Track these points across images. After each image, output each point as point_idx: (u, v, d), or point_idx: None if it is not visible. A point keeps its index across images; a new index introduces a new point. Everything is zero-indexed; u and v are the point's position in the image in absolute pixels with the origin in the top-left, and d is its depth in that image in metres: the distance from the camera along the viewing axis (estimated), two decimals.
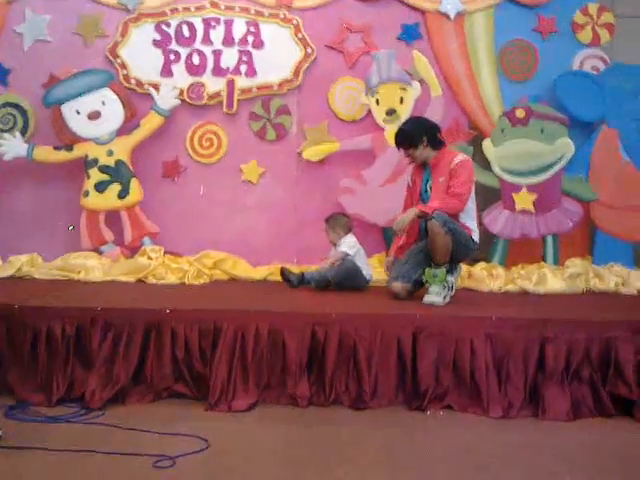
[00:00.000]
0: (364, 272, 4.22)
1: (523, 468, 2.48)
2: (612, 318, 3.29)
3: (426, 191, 3.98)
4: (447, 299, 3.67)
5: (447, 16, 5.04)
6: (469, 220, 3.87)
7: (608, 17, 5.04)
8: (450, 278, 3.70)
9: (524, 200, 4.74)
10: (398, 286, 3.81)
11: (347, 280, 4.13)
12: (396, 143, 4.08)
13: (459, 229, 3.72)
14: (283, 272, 4.31)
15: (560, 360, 3.06)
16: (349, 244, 4.27)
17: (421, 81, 4.87)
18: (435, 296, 3.63)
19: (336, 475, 2.37)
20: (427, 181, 3.99)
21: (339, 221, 4.37)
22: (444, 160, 3.92)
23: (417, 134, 3.95)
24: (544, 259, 4.74)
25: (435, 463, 2.50)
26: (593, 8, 5.03)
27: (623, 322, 3.18)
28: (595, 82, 4.87)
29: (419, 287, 3.85)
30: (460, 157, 3.91)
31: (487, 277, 4.44)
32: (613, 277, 4.45)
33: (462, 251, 3.79)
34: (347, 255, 4.22)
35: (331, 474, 2.38)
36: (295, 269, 4.45)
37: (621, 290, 4.39)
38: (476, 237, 3.90)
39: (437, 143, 3.98)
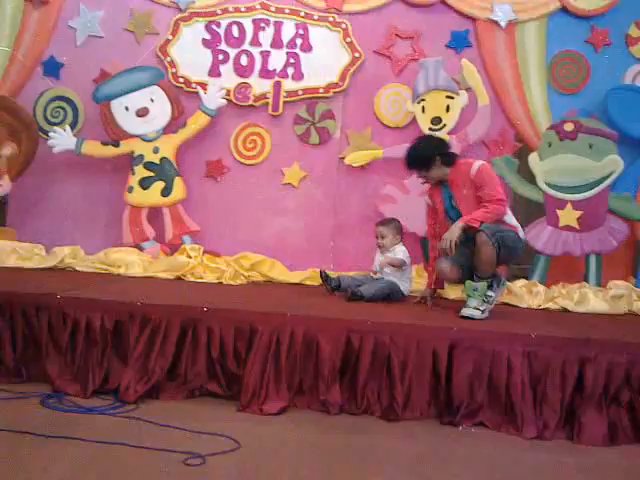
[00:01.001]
0: (402, 287, 4.13)
1: None
2: None
3: (452, 208, 3.88)
4: (485, 314, 3.60)
5: (498, 24, 4.99)
6: (510, 218, 3.80)
7: None
8: (491, 293, 3.62)
9: (569, 217, 4.65)
10: (447, 267, 3.73)
11: (383, 299, 4.02)
12: (408, 167, 3.98)
13: (506, 233, 3.63)
14: (322, 275, 4.25)
15: (599, 382, 2.98)
16: (405, 253, 4.17)
17: (468, 90, 4.82)
18: (473, 310, 3.57)
19: None
20: (450, 198, 3.89)
21: (397, 226, 4.24)
22: (461, 172, 3.81)
23: (428, 155, 3.86)
24: (586, 279, 4.64)
25: None
26: None
27: None
28: None
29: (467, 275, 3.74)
30: (477, 164, 3.79)
31: (527, 294, 4.36)
32: None
33: (512, 253, 3.69)
34: (404, 263, 4.12)
35: None
36: (333, 274, 4.41)
37: None
38: (522, 234, 3.80)
39: (450, 158, 3.90)
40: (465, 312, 3.56)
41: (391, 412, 3.03)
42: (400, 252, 4.16)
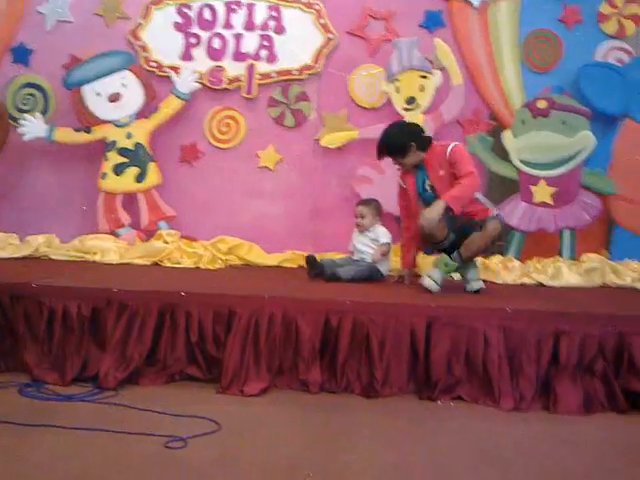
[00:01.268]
0: (382, 269, 4.14)
1: (533, 459, 2.47)
2: (627, 313, 3.26)
3: (425, 190, 3.90)
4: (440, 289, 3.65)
5: (471, 4, 4.99)
6: (482, 198, 3.87)
7: (634, 8, 4.94)
8: (455, 275, 3.65)
9: (542, 193, 4.70)
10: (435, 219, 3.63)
11: (363, 280, 4.02)
12: (383, 154, 3.96)
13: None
14: (310, 260, 4.14)
15: (573, 353, 3.03)
16: (386, 233, 4.18)
17: (442, 69, 4.83)
18: (434, 283, 3.62)
19: (344, 460, 2.37)
20: (424, 181, 3.90)
21: (377, 206, 4.24)
22: (436, 154, 3.83)
23: (405, 142, 3.86)
24: (560, 253, 4.70)
25: (443, 453, 2.50)
26: None
27: (638, 317, 3.15)
28: (619, 74, 4.80)
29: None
30: (451, 145, 3.81)
31: (502, 270, 4.41)
32: (630, 272, 4.41)
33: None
34: (390, 246, 4.15)
35: (339, 459, 2.38)
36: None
37: (637, 286, 4.34)
38: (495, 211, 3.84)
39: (425, 143, 3.91)
40: (426, 282, 3.63)
41: (371, 389, 3.06)
42: (382, 234, 4.17)
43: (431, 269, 3.74)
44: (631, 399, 3.01)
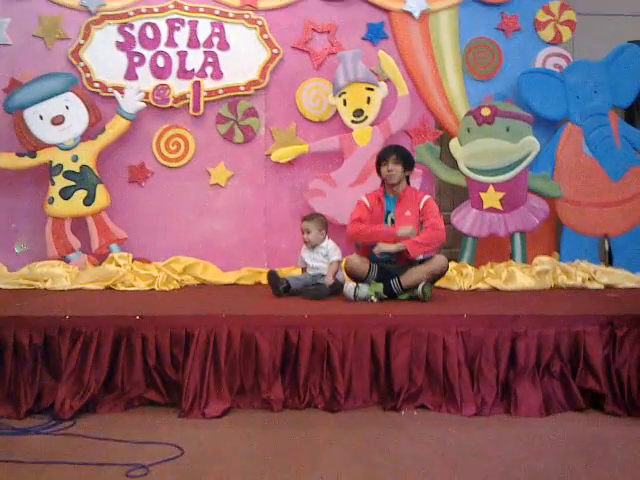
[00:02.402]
0: (340, 278, 4.13)
1: (496, 462, 2.50)
2: (580, 312, 3.34)
3: (386, 221, 4.00)
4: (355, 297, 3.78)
5: (412, 15, 5.07)
6: None
7: (569, 15, 5.12)
8: (374, 300, 3.76)
9: (491, 199, 4.79)
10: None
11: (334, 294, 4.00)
12: (390, 153, 4.04)
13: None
14: (272, 276, 4.08)
15: (531, 355, 3.09)
16: (336, 249, 4.16)
17: (387, 81, 4.89)
18: (352, 292, 3.77)
19: (312, 478, 2.36)
20: (389, 212, 4.01)
21: (322, 221, 4.23)
22: (411, 196, 4.03)
23: (412, 162, 4.11)
24: (512, 257, 4.79)
25: (409, 462, 2.51)
26: (555, 6, 5.12)
27: (590, 316, 3.22)
28: (558, 79, 4.95)
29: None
30: (426, 197, 4.03)
31: (457, 276, 4.47)
32: (580, 273, 4.52)
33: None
34: (339, 263, 4.13)
35: (306, 477, 2.36)
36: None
37: (588, 285, 4.46)
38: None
39: (409, 180, 4.13)
40: (357, 292, 3.79)
41: (334, 403, 3.06)
42: (332, 250, 4.15)
43: (363, 284, 3.83)
44: (588, 397, 3.08)
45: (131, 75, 4.99)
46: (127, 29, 5.01)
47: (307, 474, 2.39)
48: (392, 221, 3.99)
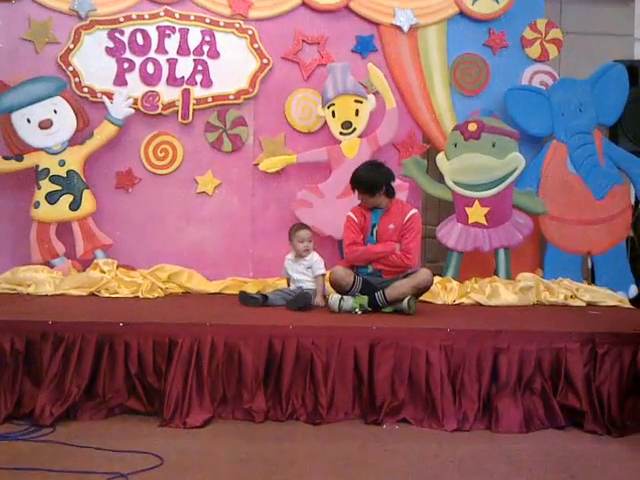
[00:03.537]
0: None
1: (477, 479, 2.51)
2: (561, 329, 3.37)
3: (371, 234, 4.02)
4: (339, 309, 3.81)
5: (401, 29, 5.11)
6: None
7: (556, 33, 5.18)
8: (358, 312, 3.77)
9: (476, 213, 4.82)
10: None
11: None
12: (354, 186, 4.06)
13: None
14: (243, 296, 4.08)
15: (513, 371, 3.11)
16: (320, 262, 4.12)
17: (376, 93, 4.92)
18: (337, 304, 3.79)
19: None
20: (374, 225, 4.02)
21: (309, 232, 4.18)
22: (397, 209, 4.03)
23: (378, 184, 4.00)
24: (496, 273, 4.81)
25: (389, 477, 2.51)
26: (542, 24, 5.17)
27: (572, 333, 3.25)
28: (544, 97, 5.00)
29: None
30: (412, 211, 4.03)
31: (441, 290, 4.48)
32: (562, 290, 4.56)
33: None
34: (324, 275, 4.11)
35: None
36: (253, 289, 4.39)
37: (570, 303, 4.50)
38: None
39: (392, 191, 4.07)
40: (332, 299, 3.85)
41: (316, 416, 3.05)
42: (317, 263, 4.11)
43: (348, 296, 3.85)
44: (568, 415, 3.10)
45: (120, 81, 4.98)
46: (117, 35, 5.00)
47: None
48: (377, 234, 4.00)
